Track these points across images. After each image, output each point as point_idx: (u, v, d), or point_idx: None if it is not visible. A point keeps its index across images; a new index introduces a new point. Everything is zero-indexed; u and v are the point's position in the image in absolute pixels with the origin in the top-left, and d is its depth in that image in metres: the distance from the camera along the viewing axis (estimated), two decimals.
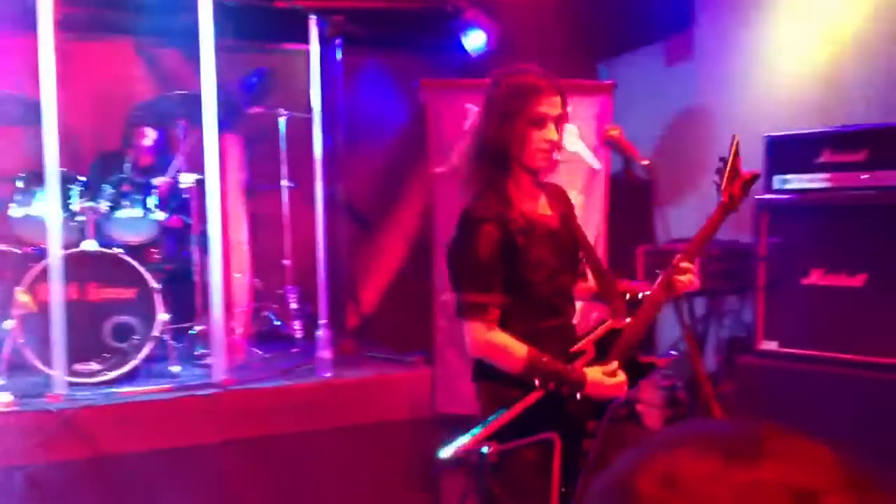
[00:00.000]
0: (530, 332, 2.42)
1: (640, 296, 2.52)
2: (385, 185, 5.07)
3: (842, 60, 3.92)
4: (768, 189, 3.56)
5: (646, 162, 2.52)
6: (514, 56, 4.83)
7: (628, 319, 2.46)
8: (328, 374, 3.97)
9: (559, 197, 2.58)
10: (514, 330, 2.42)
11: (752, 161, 3.65)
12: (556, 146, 2.45)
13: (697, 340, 3.97)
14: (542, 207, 2.53)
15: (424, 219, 4.47)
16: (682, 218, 4.36)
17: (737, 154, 2.44)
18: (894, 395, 3.03)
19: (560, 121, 2.46)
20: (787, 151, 3.53)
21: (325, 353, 3.98)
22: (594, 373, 2.37)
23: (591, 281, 2.63)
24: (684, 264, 2.44)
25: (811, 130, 3.55)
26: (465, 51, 4.76)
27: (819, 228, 3.35)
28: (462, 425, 4.08)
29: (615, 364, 2.39)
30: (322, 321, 4.02)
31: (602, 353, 2.42)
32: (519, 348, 2.37)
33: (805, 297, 3.35)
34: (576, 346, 2.42)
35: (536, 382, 2.34)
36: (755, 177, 2.52)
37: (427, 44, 4.96)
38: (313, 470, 3.77)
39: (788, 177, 3.51)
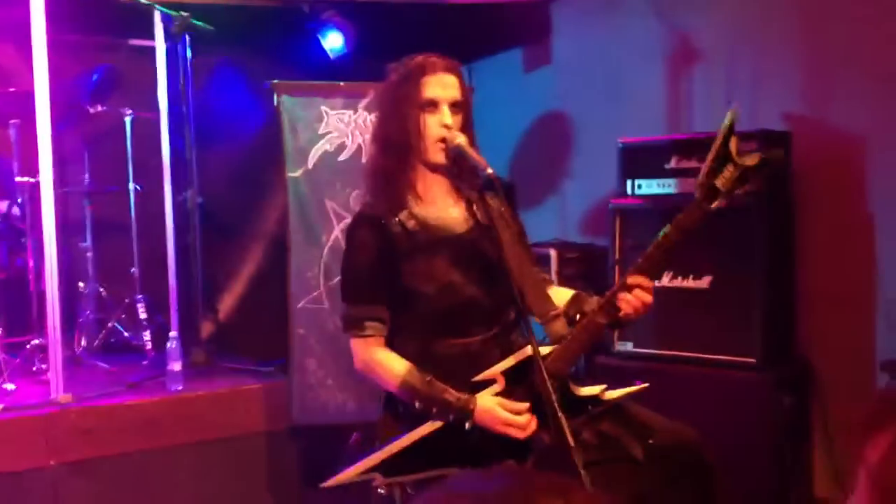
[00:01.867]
0: (423, 353, 2.17)
1: (576, 317, 2.15)
2: (240, 189, 4.89)
3: (690, 68, 4.07)
4: (622, 194, 3.64)
5: (490, 171, 2.10)
6: (373, 58, 4.80)
7: (551, 347, 2.10)
8: (179, 388, 3.77)
9: (490, 203, 2.21)
10: (405, 348, 2.19)
11: (609, 166, 3.76)
12: (456, 136, 2.15)
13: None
14: (450, 211, 2.26)
15: (281, 224, 4.33)
16: (543, 222, 4.42)
17: (728, 136, 1.91)
18: (740, 390, 3.17)
19: (459, 106, 2.21)
20: (639, 157, 3.63)
21: (176, 366, 3.78)
22: (487, 401, 2.05)
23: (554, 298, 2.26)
24: (633, 279, 2.06)
25: (660, 137, 3.67)
26: (324, 52, 4.65)
27: None
28: (320, 436, 4.00)
29: (523, 405, 2.04)
30: (173, 332, 3.83)
31: (517, 384, 2.08)
32: (396, 366, 2.14)
33: (656, 298, 3.43)
34: (481, 375, 2.10)
35: (417, 406, 2.10)
36: (759, 164, 1.92)
37: (283, 44, 4.82)
38: (165, 489, 3.57)
39: (640, 181, 3.61)
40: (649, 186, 3.57)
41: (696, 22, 4.04)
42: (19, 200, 4.05)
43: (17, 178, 4.03)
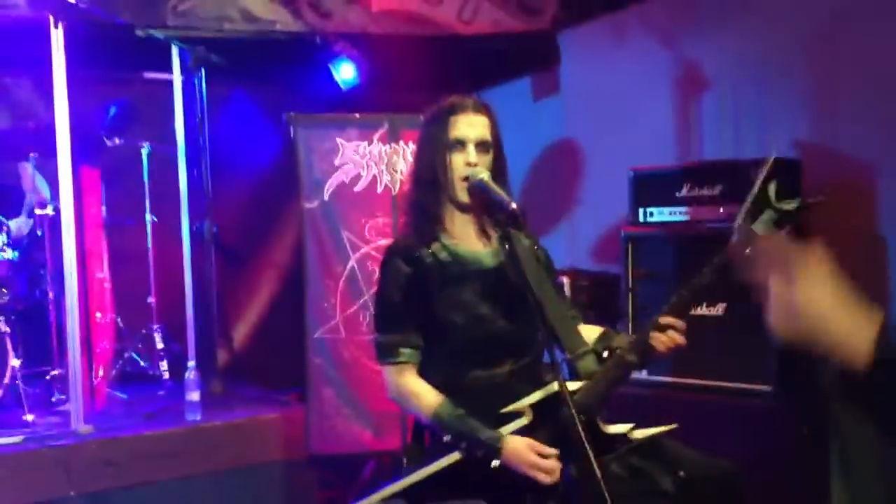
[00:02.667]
0: (452, 383, 2.20)
1: (604, 355, 2.17)
2: (255, 220, 4.95)
3: (698, 97, 4.13)
4: (634, 222, 3.68)
5: (514, 207, 2.08)
6: (386, 89, 4.87)
7: (580, 382, 2.11)
8: (197, 417, 3.81)
9: (518, 241, 2.20)
10: (434, 378, 2.23)
11: (618, 194, 3.80)
12: (479, 174, 2.19)
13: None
14: (480, 245, 2.32)
15: (296, 254, 4.38)
16: (554, 250, 4.43)
17: (767, 180, 1.84)
18: (754, 417, 3.18)
19: (487, 146, 2.25)
20: (651, 185, 3.66)
21: (194, 395, 3.82)
22: (517, 442, 2.06)
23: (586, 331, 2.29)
24: (666, 320, 2.06)
25: (672, 165, 3.71)
26: (336, 84, 4.72)
27: (681, 259, 3.49)
28: (337, 465, 4.02)
29: (553, 451, 2.04)
30: (190, 361, 3.86)
31: (544, 420, 2.09)
32: (430, 397, 2.18)
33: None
34: (509, 407, 2.11)
35: (445, 439, 2.12)
36: (798, 208, 1.83)
37: (296, 76, 4.90)
38: None
39: (652, 209, 3.64)
40: (661, 214, 3.60)
41: (703, 50, 4.09)
42: (39, 233, 4.10)
43: (37, 211, 4.09)
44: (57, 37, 3.61)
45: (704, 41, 4.08)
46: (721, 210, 3.38)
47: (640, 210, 3.67)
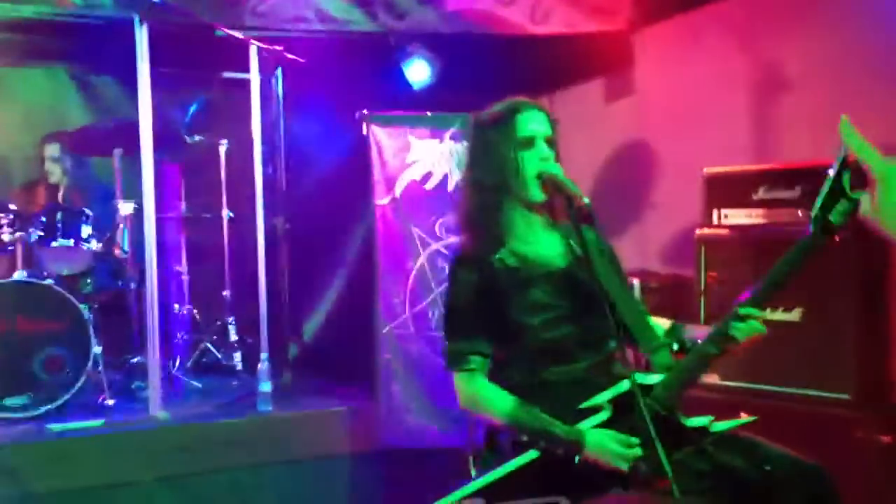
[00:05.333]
0: (531, 383, 2.22)
1: (687, 347, 2.17)
2: (328, 216, 5.03)
3: (774, 99, 4.05)
4: (707, 223, 3.63)
5: (586, 201, 2.14)
6: (457, 89, 4.89)
7: (659, 376, 2.11)
8: (269, 408, 3.89)
9: (585, 238, 2.17)
10: (513, 380, 2.24)
11: (692, 196, 3.76)
12: (553, 168, 2.22)
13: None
14: (548, 246, 2.31)
15: (367, 250, 4.44)
16: (623, 252, 4.40)
17: (842, 170, 1.82)
18: (830, 426, 3.10)
19: (552, 142, 2.28)
20: (725, 187, 3.61)
21: (266, 386, 3.90)
22: (598, 436, 2.06)
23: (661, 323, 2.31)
24: (746, 310, 2.04)
25: (748, 167, 3.64)
26: (409, 84, 4.77)
27: (756, 263, 3.43)
28: (403, 460, 4.05)
29: (634, 440, 2.03)
30: (263, 353, 3.94)
31: (623, 414, 2.08)
32: (503, 401, 2.19)
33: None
34: (587, 403, 2.11)
35: (524, 439, 2.13)
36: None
37: (370, 76, 4.96)
38: None
39: (726, 212, 3.59)
40: (736, 216, 3.55)
41: (782, 50, 4.01)
42: (122, 227, 4.24)
43: (120, 204, 4.23)
44: (142, 35, 3.73)
45: (784, 41, 4.00)
46: (800, 213, 3.31)
47: (714, 212, 3.62)
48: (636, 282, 4.03)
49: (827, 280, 3.12)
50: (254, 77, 4.17)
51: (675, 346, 2.19)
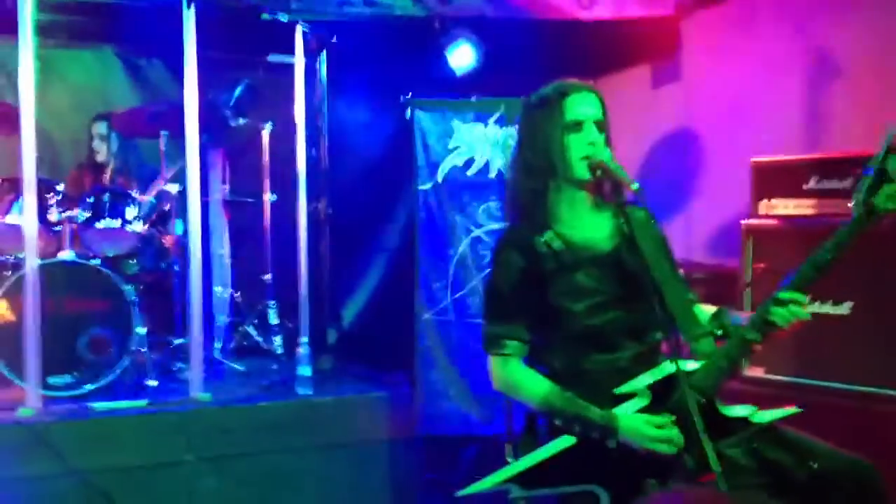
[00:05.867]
0: (571, 369, 2.20)
1: (720, 333, 2.15)
2: (370, 201, 5.03)
3: (828, 87, 3.94)
4: (755, 213, 3.55)
5: (636, 186, 2.12)
6: (501, 74, 4.85)
7: (699, 362, 2.08)
8: (308, 392, 3.91)
9: (633, 219, 2.19)
10: (553, 367, 2.23)
11: (740, 185, 3.68)
12: (602, 153, 2.18)
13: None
14: (594, 229, 2.27)
15: (409, 236, 4.42)
16: (669, 241, 4.35)
17: (887, 155, 1.85)
18: (881, 421, 3.02)
19: (602, 125, 2.24)
20: (774, 176, 3.52)
21: (306, 370, 3.92)
22: (632, 420, 2.04)
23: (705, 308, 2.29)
24: (786, 295, 2.03)
25: (798, 157, 3.55)
26: (454, 68, 4.73)
27: (805, 254, 3.32)
28: (442, 447, 4.05)
29: (667, 418, 2.02)
30: (302, 337, 3.96)
31: (662, 401, 2.06)
32: (538, 385, 2.18)
33: None
34: (624, 388, 2.10)
35: (558, 423, 2.12)
36: None
37: (414, 60, 4.93)
38: (291, 490, 3.69)
39: (774, 202, 3.50)
40: (785, 207, 3.46)
41: (836, 36, 3.90)
42: (167, 207, 4.28)
43: (165, 187, 4.26)
44: (189, 18, 3.75)
45: (838, 27, 3.89)
46: (850, 204, 3.21)
47: (763, 202, 3.54)
48: (681, 272, 3.96)
49: (877, 272, 3.05)
50: (298, 60, 4.17)
51: (720, 332, 2.16)
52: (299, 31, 4.06)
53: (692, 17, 4.70)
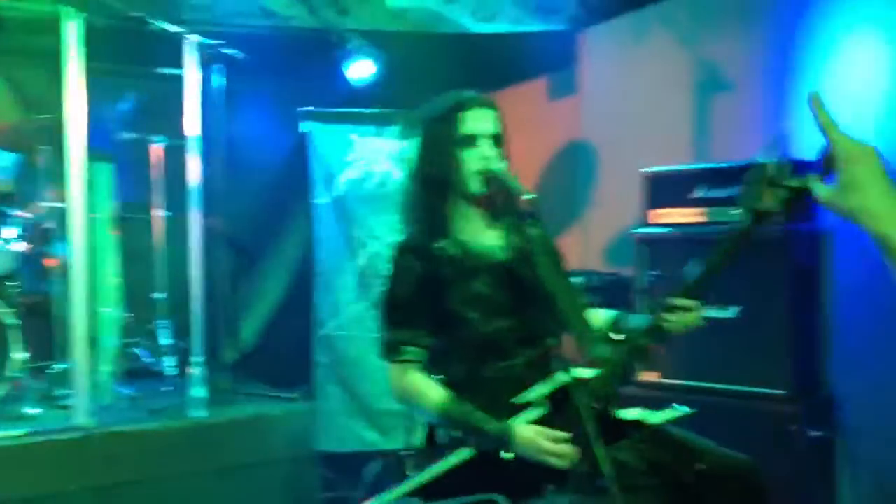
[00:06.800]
0: (469, 377, 2.20)
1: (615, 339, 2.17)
2: (267, 216, 4.93)
3: (717, 98, 4.05)
4: (646, 222, 3.62)
5: (530, 196, 2.11)
6: (400, 86, 4.83)
7: (593, 371, 2.10)
8: (202, 414, 3.77)
9: (527, 235, 2.14)
10: (451, 375, 2.23)
11: (633, 195, 3.74)
12: (495, 166, 2.18)
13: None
14: (490, 238, 2.29)
15: (307, 251, 4.35)
16: (565, 251, 4.38)
17: (770, 162, 1.77)
18: (767, 423, 3.11)
19: (498, 139, 2.24)
20: (664, 186, 3.60)
21: (199, 392, 3.78)
22: (527, 430, 2.05)
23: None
24: (679, 301, 2.05)
25: (686, 166, 3.64)
26: (352, 82, 4.68)
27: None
28: (342, 464, 3.98)
29: (563, 434, 2.02)
30: (196, 358, 3.83)
31: (559, 408, 2.08)
32: (435, 394, 2.16)
33: None
34: (522, 398, 2.12)
35: (457, 436, 2.11)
36: (800, 189, 1.65)
37: (312, 73, 4.86)
38: None
39: (665, 211, 3.58)
40: (674, 216, 3.54)
41: (721, 51, 4.02)
42: (50, 225, 4.09)
43: (46, 204, 4.07)
44: (73, 28, 3.60)
45: (726, 43, 4.00)
46: (736, 211, 3.30)
47: (653, 211, 3.60)
48: (578, 280, 4.00)
49: (762, 278, 3.14)
50: (189, 73, 4.06)
51: (616, 338, 2.18)
52: (189, 43, 3.95)
53: (587, 32, 4.77)
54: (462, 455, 2.08)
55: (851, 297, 3.37)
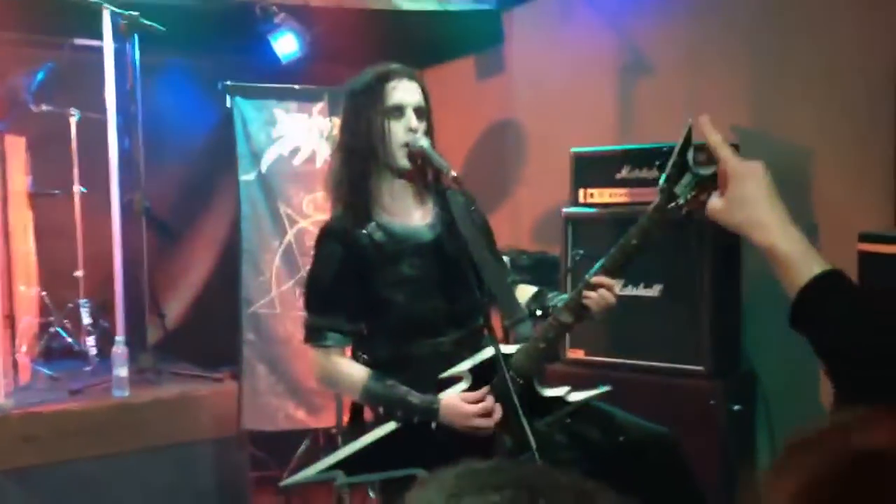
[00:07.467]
0: (395, 356, 2.22)
1: (539, 314, 2.23)
2: (190, 192, 4.82)
3: (641, 80, 4.14)
4: (574, 202, 3.68)
5: (454, 174, 2.15)
6: (327, 63, 4.77)
7: (518, 345, 2.14)
8: (125, 394, 3.69)
9: (453, 204, 2.23)
10: (377, 354, 2.24)
11: (561, 174, 3.79)
12: (421, 141, 2.19)
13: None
14: (417, 217, 2.30)
15: (232, 228, 4.27)
16: (495, 230, 4.42)
17: (686, 146, 1.72)
18: (689, 397, 3.22)
19: (423, 112, 2.25)
20: (591, 166, 3.67)
21: (122, 371, 3.70)
22: (449, 398, 2.10)
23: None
24: (597, 279, 2.08)
25: (612, 147, 3.71)
26: (277, 57, 4.60)
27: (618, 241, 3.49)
28: (270, 443, 3.95)
29: (483, 391, 2.07)
30: (118, 336, 3.74)
31: (483, 383, 2.12)
32: (358, 373, 2.18)
33: None
34: (447, 373, 2.14)
35: (380, 411, 2.15)
36: (711, 176, 1.56)
37: (235, 47, 4.76)
38: (112, 498, 3.49)
39: (592, 191, 3.64)
40: (601, 195, 3.61)
41: (645, 34, 4.10)
42: None
43: None
44: None
45: (651, 26, 4.08)
46: (656, 192, 3.39)
47: (581, 191, 3.67)
48: (506, 260, 4.04)
49: (684, 257, 3.23)
50: (107, 44, 3.93)
51: (539, 313, 2.23)
52: (106, 14, 3.82)
53: (515, 11, 4.79)
54: (385, 429, 2.11)
55: (767, 275, 3.49)
